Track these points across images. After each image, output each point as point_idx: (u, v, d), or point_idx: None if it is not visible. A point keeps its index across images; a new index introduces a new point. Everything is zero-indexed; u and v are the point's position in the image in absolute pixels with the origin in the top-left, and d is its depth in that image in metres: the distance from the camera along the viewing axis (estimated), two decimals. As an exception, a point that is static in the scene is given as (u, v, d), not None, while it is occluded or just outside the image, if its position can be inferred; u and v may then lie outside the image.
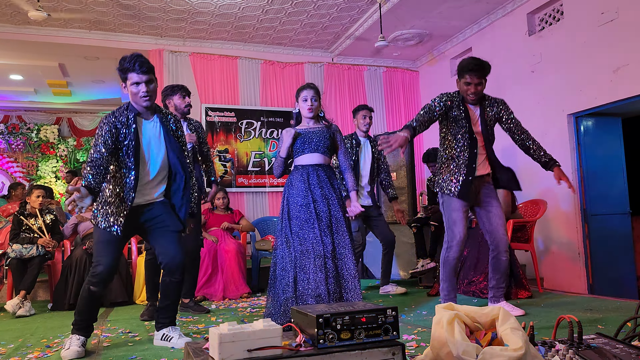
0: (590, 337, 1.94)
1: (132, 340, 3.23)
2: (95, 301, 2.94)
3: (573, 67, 5.31)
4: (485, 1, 6.08)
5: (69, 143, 10.80)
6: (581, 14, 5.22)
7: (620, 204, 5.54)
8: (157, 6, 6.08)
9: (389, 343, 1.73)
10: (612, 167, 5.54)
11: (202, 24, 6.64)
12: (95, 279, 2.85)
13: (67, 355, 2.77)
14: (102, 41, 6.88)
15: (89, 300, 2.90)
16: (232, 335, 1.62)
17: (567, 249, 5.41)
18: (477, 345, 1.71)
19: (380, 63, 8.03)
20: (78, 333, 2.89)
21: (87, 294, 2.89)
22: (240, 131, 7.22)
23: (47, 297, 5.43)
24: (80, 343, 2.85)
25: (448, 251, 3.47)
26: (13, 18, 6.26)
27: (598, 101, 5.04)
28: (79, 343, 2.85)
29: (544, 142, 5.54)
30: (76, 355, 2.78)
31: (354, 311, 1.73)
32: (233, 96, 7.27)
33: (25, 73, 8.57)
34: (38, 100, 10.21)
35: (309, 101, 3.49)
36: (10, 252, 4.80)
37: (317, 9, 6.31)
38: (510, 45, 6.19)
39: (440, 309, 1.85)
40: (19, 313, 4.47)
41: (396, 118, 8.00)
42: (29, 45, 6.94)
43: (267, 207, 7.23)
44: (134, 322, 3.90)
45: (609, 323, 3.03)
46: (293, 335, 1.84)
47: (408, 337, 2.89)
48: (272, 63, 7.49)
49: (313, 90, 3.52)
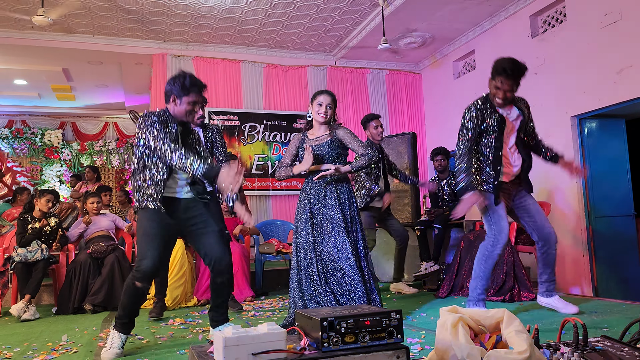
0: (595, 340, 1.93)
1: (139, 344, 3.24)
2: (139, 297, 2.93)
3: (576, 69, 5.31)
4: (488, 3, 6.08)
5: (73, 147, 10.85)
6: (584, 16, 5.21)
7: (624, 206, 5.52)
8: (160, 11, 6.11)
9: (393, 346, 1.73)
10: (617, 168, 5.52)
11: (205, 28, 6.66)
12: (139, 274, 2.82)
13: (106, 356, 2.81)
14: (106, 46, 6.92)
15: (133, 296, 2.89)
16: (236, 339, 1.62)
17: (571, 250, 5.39)
18: (481, 348, 1.70)
19: (382, 66, 8.03)
20: (120, 330, 2.91)
21: (131, 289, 2.87)
22: (244, 135, 7.23)
23: (51, 301, 5.44)
24: (121, 343, 2.88)
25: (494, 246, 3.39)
26: (17, 23, 6.29)
27: (602, 103, 5.03)
28: (120, 344, 2.87)
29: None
30: (115, 356, 2.82)
31: (358, 314, 1.73)
32: (236, 100, 7.29)
33: (30, 78, 8.61)
34: (42, 105, 10.25)
35: (324, 107, 3.48)
36: (15, 256, 4.82)
37: (319, 13, 6.32)
38: (513, 47, 6.18)
39: (444, 312, 1.85)
40: (24, 317, 4.49)
41: (399, 121, 8.00)
42: (33, 50, 6.98)
43: (270, 211, 7.24)
44: (141, 326, 3.90)
45: (614, 325, 3.02)
46: (297, 338, 1.84)
47: (412, 340, 2.89)
48: (275, 66, 7.51)
49: (330, 97, 3.52)
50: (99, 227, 5.32)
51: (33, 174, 10.57)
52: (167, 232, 2.91)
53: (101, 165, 10.85)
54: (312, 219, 3.43)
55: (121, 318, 2.92)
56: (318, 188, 3.48)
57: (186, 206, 2.97)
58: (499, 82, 3.27)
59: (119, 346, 2.86)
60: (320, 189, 3.47)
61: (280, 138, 7.39)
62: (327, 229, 3.40)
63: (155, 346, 3.11)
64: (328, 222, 3.41)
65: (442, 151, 5.57)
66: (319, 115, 3.48)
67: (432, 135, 7.92)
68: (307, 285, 3.31)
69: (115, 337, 2.89)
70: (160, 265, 2.91)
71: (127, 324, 2.93)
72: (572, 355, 1.75)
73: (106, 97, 9.84)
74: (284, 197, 7.38)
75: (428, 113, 8.13)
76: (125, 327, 2.93)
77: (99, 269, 4.98)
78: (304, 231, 3.43)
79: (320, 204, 3.45)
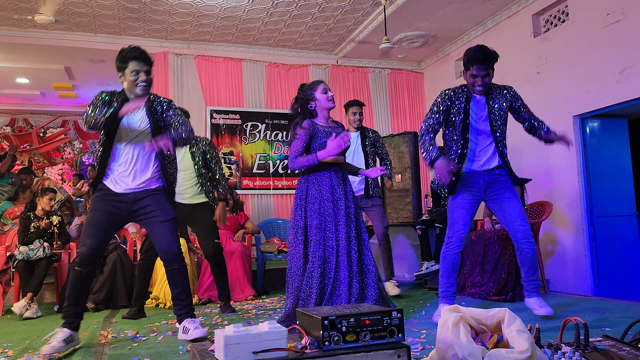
0: (596, 340, 1.93)
1: (138, 341, 3.24)
2: (81, 283, 2.97)
3: (579, 68, 5.30)
4: (490, 2, 6.07)
5: (75, 146, 10.85)
6: (586, 15, 5.20)
7: (626, 206, 5.51)
8: (162, 9, 6.11)
9: (395, 345, 1.73)
10: (619, 168, 5.51)
11: (207, 26, 6.66)
12: (77, 259, 2.94)
13: (43, 350, 2.78)
14: (108, 44, 6.92)
15: (74, 281, 2.96)
16: (237, 337, 1.62)
17: (573, 250, 5.38)
18: (483, 347, 1.70)
19: (385, 65, 8.03)
20: (66, 325, 2.91)
21: (72, 274, 2.97)
22: (245, 133, 7.23)
23: (53, 299, 5.45)
24: (63, 338, 2.84)
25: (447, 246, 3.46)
26: (20, 22, 6.30)
27: (604, 102, 5.02)
28: (62, 337, 2.84)
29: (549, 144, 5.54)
30: (51, 351, 2.77)
31: (360, 313, 1.73)
32: (238, 98, 7.29)
33: (32, 76, 8.62)
34: (44, 103, 10.27)
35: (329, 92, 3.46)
36: (17, 254, 4.83)
37: (321, 12, 6.32)
38: (515, 46, 6.18)
39: (445, 311, 1.85)
40: (26, 315, 4.49)
41: (401, 120, 7.99)
42: (35, 49, 6.99)
43: (272, 209, 7.24)
44: (140, 323, 3.91)
45: (615, 325, 3.02)
46: (298, 337, 1.84)
47: (413, 340, 2.89)
48: (277, 65, 7.51)
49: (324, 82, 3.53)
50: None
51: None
52: (109, 221, 3.04)
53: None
54: (334, 212, 3.31)
55: (65, 310, 2.96)
56: (331, 181, 3.38)
57: (134, 198, 3.06)
58: (474, 71, 3.31)
59: (58, 339, 2.81)
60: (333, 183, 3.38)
61: (281, 137, 7.39)
62: (348, 222, 3.34)
63: (156, 345, 3.12)
64: (350, 216, 3.35)
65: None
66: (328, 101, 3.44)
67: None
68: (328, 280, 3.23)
69: (58, 332, 2.88)
70: (97, 251, 3.03)
71: (71, 317, 2.93)
72: (574, 354, 1.75)
73: (108, 95, 9.85)
74: (285, 196, 7.38)
75: (430, 112, 8.12)
76: (69, 319, 2.92)
77: (100, 267, 4.99)
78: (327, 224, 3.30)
79: (337, 198, 3.35)
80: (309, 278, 3.25)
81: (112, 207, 3.04)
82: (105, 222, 3.02)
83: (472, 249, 4.71)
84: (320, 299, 3.21)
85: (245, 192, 7.12)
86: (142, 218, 3.13)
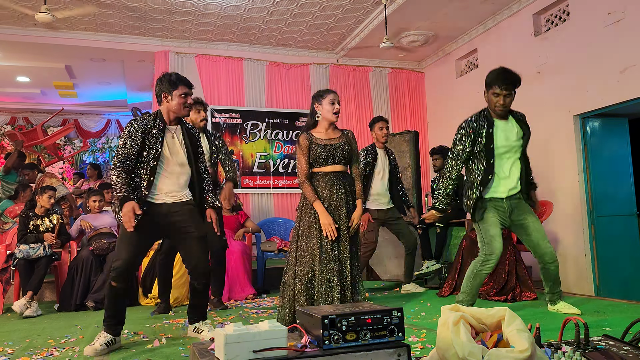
0: (597, 339, 1.93)
1: (141, 341, 3.24)
2: (118, 296, 3.03)
3: (579, 67, 5.29)
4: (491, 2, 6.07)
5: (75, 144, 10.85)
6: (587, 15, 5.19)
7: (627, 205, 5.50)
8: (162, 8, 6.11)
9: (395, 344, 1.73)
10: (619, 168, 5.51)
11: (207, 25, 6.66)
12: (113, 274, 2.98)
13: (87, 350, 2.88)
14: (108, 43, 6.92)
15: (112, 296, 3.02)
16: (237, 336, 1.62)
17: (573, 250, 5.38)
18: (483, 346, 1.70)
19: (385, 64, 8.02)
20: (107, 330, 3.00)
21: (109, 289, 3.03)
22: (246, 132, 7.23)
23: (53, 297, 5.45)
24: (105, 341, 2.94)
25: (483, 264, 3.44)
26: (20, 20, 6.30)
27: (604, 102, 5.02)
28: (104, 341, 2.93)
29: (550, 143, 5.54)
30: (94, 353, 2.87)
31: (360, 312, 1.72)
32: (238, 97, 7.29)
33: (32, 75, 8.62)
34: (45, 102, 10.27)
35: (337, 105, 3.40)
36: (18, 252, 4.83)
37: (322, 10, 6.31)
38: (516, 46, 6.17)
39: (446, 310, 1.85)
40: (26, 314, 4.50)
41: (402, 119, 7.99)
42: (35, 47, 6.99)
43: (272, 209, 7.24)
44: (143, 324, 3.91)
45: (615, 325, 3.02)
46: (298, 336, 1.84)
47: (413, 339, 2.89)
48: (278, 64, 7.50)
49: (336, 94, 3.47)
50: (101, 225, 5.33)
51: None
52: (144, 236, 3.03)
53: (103, 163, 10.87)
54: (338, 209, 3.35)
55: (107, 320, 3.02)
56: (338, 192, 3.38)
57: (168, 210, 3.06)
58: (496, 89, 3.33)
59: (101, 343, 2.92)
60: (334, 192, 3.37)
61: (282, 136, 7.39)
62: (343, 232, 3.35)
63: (158, 345, 3.12)
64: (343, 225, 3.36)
65: (438, 150, 5.55)
66: (331, 114, 3.37)
67: (435, 134, 7.91)
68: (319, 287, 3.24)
69: (101, 335, 2.98)
70: (132, 266, 3.04)
71: (113, 325, 3.02)
72: (574, 354, 1.75)
73: (108, 94, 9.85)
74: (286, 195, 7.38)
75: (430, 111, 8.12)
76: (111, 328, 3.01)
77: (101, 266, 4.99)
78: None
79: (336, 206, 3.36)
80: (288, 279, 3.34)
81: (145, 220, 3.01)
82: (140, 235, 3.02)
83: (473, 249, 4.71)
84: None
85: (245, 191, 7.12)
86: (174, 231, 3.13)
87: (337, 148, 3.38)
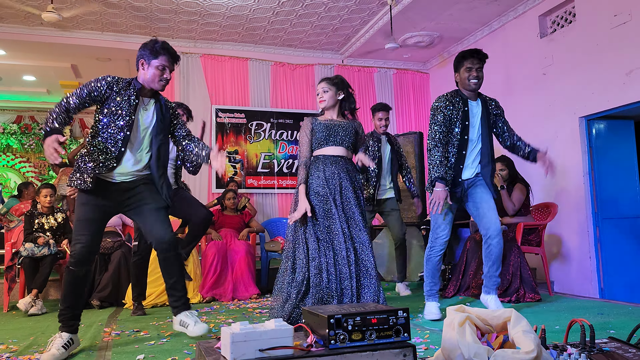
0: (602, 342, 1.93)
1: (142, 338, 3.25)
2: (77, 283, 2.83)
3: (585, 69, 5.28)
4: (497, 3, 6.06)
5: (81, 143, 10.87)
6: (593, 16, 5.18)
7: (632, 208, 5.48)
8: (168, 8, 6.13)
9: (400, 344, 1.73)
10: (624, 170, 5.49)
11: (213, 25, 6.68)
12: (73, 259, 2.79)
13: (44, 358, 2.64)
14: (114, 42, 6.94)
15: (69, 282, 2.82)
16: (244, 335, 1.62)
17: (578, 252, 5.37)
18: (488, 347, 1.70)
19: (390, 65, 8.02)
20: (63, 329, 2.79)
21: (68, 274, 2.82)
22: (250, 132, 7.24)
23: (58, 295, 5.47)
24: (63, 343, 2.72)
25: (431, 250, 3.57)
26: (27, 20, 6.33)
27: (610, 104, 5.01)
28: (60, 343, 2.71)
29: (555, 145, 5.53)
30: (53, 358, 2.64)
31: (366, 312, 1.73)
32: (243, 97, 7.30)
33: (38, 74, 8.66)
34: (51, 101, 10.31)
35: (321, 94, 3.53)
36: (23, 251, 4.85)
37: (327, 11, 6.32)
38: (521, 47, 6.16)
39: (451, 311, 1.85)
40: (31, 311, 4.52)
41: (406, 120, 7.99)
42: (42, 47, 7.01)
43: (276, 209, 7.25)
44: (146, 322, 3.92)
45: (620, 327, 3.01)
46: (304, 335, 1.84)
47: (417, 340, 2.89)
48: (283, 65, 7.51)
49: (324, 82, 3.55)
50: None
51: (41, 170, 10.65)
52: (101, 215, 2.85)
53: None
54: (336, 208, 3.31)
55: (62, 314, 2.81)
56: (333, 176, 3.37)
57: (127, 188, 2.90)
58: (468, 63, 3.40)
59: (58, 346, 2.68)
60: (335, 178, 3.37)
61: (287, 136, 7.40)
62: (353, 221, 3.33)
63: (161, 343, 3.13)
64: (352, 214, 3.33)
65: None
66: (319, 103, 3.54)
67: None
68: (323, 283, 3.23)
69: (56, 337, 2.75)
70: (93, 247, 2.84)
71: (68, 320, 2.80)
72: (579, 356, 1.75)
73: (114, 93, 9.88)
74: (290, 195, 7.38)
75: (435, 113, 8.10)
76: (67, 324, 2.80)
77: (105, 265, 5.01)
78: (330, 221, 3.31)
79: (339, 195, 3.34)
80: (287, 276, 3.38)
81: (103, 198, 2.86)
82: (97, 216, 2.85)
83: (478, 250, 4.71)
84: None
85: (249, 191, 7.13)
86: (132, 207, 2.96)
87: (340, 127, 3.44)
